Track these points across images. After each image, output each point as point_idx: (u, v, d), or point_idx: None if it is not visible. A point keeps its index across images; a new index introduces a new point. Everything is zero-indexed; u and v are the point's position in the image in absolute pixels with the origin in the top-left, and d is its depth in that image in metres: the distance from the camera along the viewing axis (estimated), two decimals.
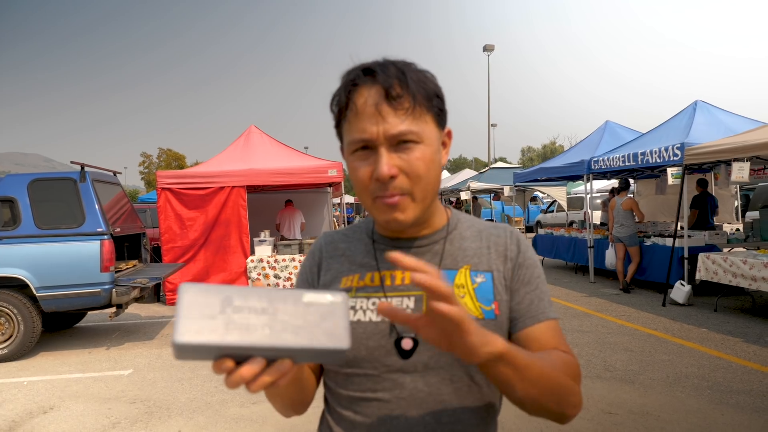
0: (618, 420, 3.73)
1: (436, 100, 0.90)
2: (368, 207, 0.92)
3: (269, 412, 4.12)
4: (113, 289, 5.86)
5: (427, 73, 0.91)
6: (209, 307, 0.59)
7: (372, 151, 0.87)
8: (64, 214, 5.95)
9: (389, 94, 0.85)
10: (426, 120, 0.88)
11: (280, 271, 8.88)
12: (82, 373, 5.28)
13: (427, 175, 0.88)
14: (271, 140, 10.31)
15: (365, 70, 0.88)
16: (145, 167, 60.63)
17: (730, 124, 8.16)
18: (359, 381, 0.94)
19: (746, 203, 13.00)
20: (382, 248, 1.00)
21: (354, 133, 0.88)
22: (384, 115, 0.85)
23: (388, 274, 0.97)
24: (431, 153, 0.89)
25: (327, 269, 1.03)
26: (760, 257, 6.23)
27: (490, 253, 0.99)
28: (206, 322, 0.59)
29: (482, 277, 0.96)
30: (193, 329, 0.58)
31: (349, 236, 1.06)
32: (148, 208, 12.76)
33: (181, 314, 0.59)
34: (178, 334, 0.57)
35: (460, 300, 0.93)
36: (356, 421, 0.94)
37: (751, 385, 4.30)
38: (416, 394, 0.91)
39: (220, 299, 0.60)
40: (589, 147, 10.94)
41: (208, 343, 0.58)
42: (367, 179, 0.88)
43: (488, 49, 31.44)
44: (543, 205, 22.61)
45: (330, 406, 1.02)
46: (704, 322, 6.40)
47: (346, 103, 0.88)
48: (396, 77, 0.86)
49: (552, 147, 64.37)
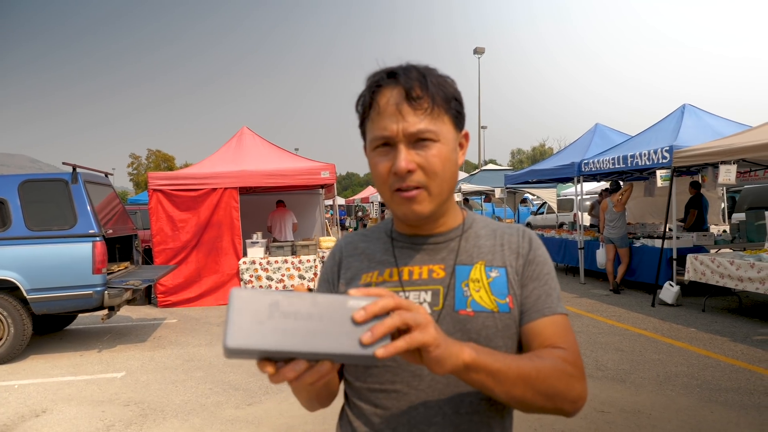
0: (610, 418, 3.79)
1: (454, 103, 0.96)
2: (387, 200, 0.97)
3: (264, 414, 4.13)
4: (105, 291, 5.83)
5: (448, 78, 0.97)
6: (258, 313, 0.63)
7: (392, 148, 0.93)
8: (55, 216, 5.91)
9: (410, 95, 0.91)
10: (444, 120, 0.94)
11: (272, 273, 8.88)
12: (74, 376, 5.25)
13: (443, 172, 0.93)
14: (264, 142, 10.31)
15: (389, 73, 0.94)
16: (134, 168, 60.16)
17: (717, 127, 8.29)
18: (378, 373, 0.97)
19: (732, 205, 13.18)
20: (401, 245, 1.05)
21: (376, 131, 0.94)
22: (404, 114, 0.91)
23: (407, 269, 1.01)
24: (448, 151, 0.94)
25: (347, 267, 1.07)
26: (746, 258, 6.34)
27: (503, 250, 1.03)
28: (255, 327, 0.62)
29: (497, 272, 0.99)
30: (242, 333, 0.62)
31: (368, 236, 1.11)
32: (138, 209, 12.68)
33: (232, 318, 0.62)
34: (229, 338, 0.61)
35: (475, 294, 0.96)
36: (376, 413, 0.97)
37: (739, 383, 4.37)
38: (435, 385, 0.94)
39: (268, 304, 0.64)
40: (579, 149, 11.05)
41: (256, 348, 0.62)
42: (386, 173, 0.93)
43: (479, 52, 31.58)
44: (533, 206, 22.72)
45: (349, 400, 1.04)
46: (693, 322, 6.49)
47: (369, 103, 0.94)
48: (417, 80, 0.92)
49: (541, 149, 64.74)
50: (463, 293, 0.97)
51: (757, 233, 8.76)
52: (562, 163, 10.65)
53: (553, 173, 10.88)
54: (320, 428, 3.83)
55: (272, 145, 10.32)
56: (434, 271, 1.00)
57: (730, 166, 6.47)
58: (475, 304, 0.96)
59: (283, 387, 4.64)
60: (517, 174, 12.72)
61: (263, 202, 11.26)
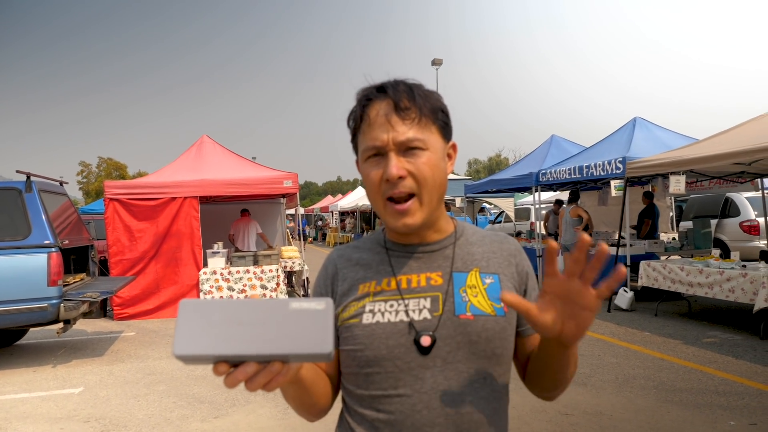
0: (574, 420, 3.91)
1: (440, 114, 1.02)
2: (380, 211, 1.01)
3: (232, 426, 4.07)
4: (61, 303, 5.63)
5: (435, 93, 1.03)
6: (205, 320, 0.67)
7: (383, 158, 0.97)
8: (7, 226, 5.67)
9: (398, 106, 0.96)
10: (432, 130, 0.99)
11: (233, 284, 8.75)
12: (28, 393, 5.04)
13: (432, 179, 0.98)
14: (224, 150, 10.17)
15: (378, 88, 1.00)
16: (83, 177, 58.08)
17: (666, 139, 8.71)
18: (380, 380, 0.99)
19: (680, 214, 13.81)
20: (397, 255, 1.07)
21: (367, 141, 0.98)
22: (393, 124, 0.96)
23: (405, 278, 1.04)
24: (436, 159, 0.99)
25: (343, 279, 1.08)
26: (695, 264, 6.67)
27: (495, 257, 1.09)
28: (202, 333, 0.66)
29: (491, 279, 1.05)
30: (189, 341, 0.65)
31: (360, 248, 1.13)
32: (91, 219, 12.27)
33: (180, 326, 0.66)
34: (177, 346, 0.65)
35: (473, 299, 1.01)
36: (379, 419, 0.98)
37: (692, 384, 4.59)
38: (437, 387, 0.97)
39: (216, 312, 0.67)
40: (536, 160, 11.37)
41: (202, 354, 0.65)
42: (378, 181, 0.98)
43: (437, 64, 32.06)
44: (491, 215, 23.17)
45: (349, 407, 1.05)
46: (647, 326, 6.76)
47: (360, 116, 0.99)
48: (405, 92, 0.98)
49: (497, 159, 66.22)
50: (462, 299, 1.01)
51: (704, 240, 9.21)
52: (520, 173, 10.94)
53: (511, 183, 11.16)
54: None
55: (233, 153, 10.20)
56: (432, 279, 1.03)
57: (680, 176, 6.81)
58: (475, 309, 1.00)
59: (250, 398, 4.58)
60: (478, 183, 12.97)
61: (224, 212, 11.08)
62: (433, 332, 0.98)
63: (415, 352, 0.97)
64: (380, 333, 0.98)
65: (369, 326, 0.99)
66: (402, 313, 0.99)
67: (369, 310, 1.01)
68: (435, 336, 0.98)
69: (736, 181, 9.10)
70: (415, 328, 0.98)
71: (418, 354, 0.97)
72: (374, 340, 0.98)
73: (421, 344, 0.97)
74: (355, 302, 1.03)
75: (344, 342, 1.02)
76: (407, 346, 0.98)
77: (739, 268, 6.07)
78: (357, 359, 1.00)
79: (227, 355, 0.66)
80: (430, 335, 0.97)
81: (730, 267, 6.18)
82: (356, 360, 1.00)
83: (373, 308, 1.01)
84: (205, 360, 0.67)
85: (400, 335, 0.98)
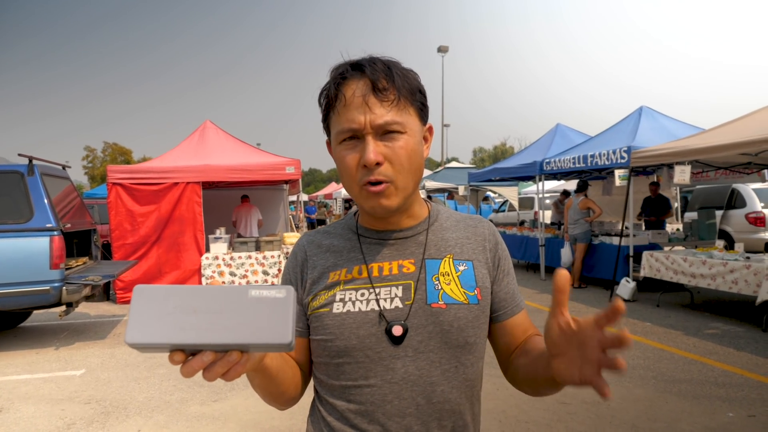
0: (572, 409, 3.91)
1: (418, 95, 0.97)
2: (355, 195, 0.96)
3: (231, 410, 4.09)
4: (63, 286, 5.66)
5: (411, 72, 0.98)
6: (159, 308, 0.63)
7: (359, 141, 0.93)
8: (10, 209, 5.69)
9: (376, 86, 0.91)
10: (410, 112, 0.95)
11: (236, 269, 8.77)
12: (31, 374, 5.08)
13: (409, 164, 0.94)
14: (227, 136, 10.15)
15: (354, 65, 0.94)
16: (89, 161, 58.15)
17: (672, 129, 8.62)
18: (351, 370, 0.97)
19: (685, 204, 13.73)
20: (368, 241, 1.04)
21: (343, 123, 0.93)
22: (371, 106, 0.90)
23: (376, 266, 1.01)
24: (414, 143, 0.95)
25: (313, 267, 1.04)
26: (698, 255, 6.63)
27: (469, 243, 1.06)
28: (155, 321, 0.63)
29: (464, 266, 1.02)
30: (142, 330, 0.62)
31: (330, 233, 1.09)
32: (95, 203, 12.31)
33: (132, 314, 0.63)
34: (128, 335, 0.62)
35: (446, 287, 0.99)
36: (350, 409, 0.97)
37: (692, 375, 4.58)
38: (408, 377, 0.95)
39: (171, 299, 0.64)
40: (540, 149, 11.30)
41: (155, 342, 0.62)
42: (354, 166, 0.93)
43: (442, 50, 31.84)
44: (495, 204, 23.09)
45: (321, 397, 1.03)
46: (648, 317, 6.75)
47: (335, 95, 0.94)
48: (383, 72, 0.92)
49: (503, 148, 65.89)
50: (434, 287, 0.98)
51: (708, 232, 9.16)
52: (524, 161, 10.87)
53: (515, 171, 11.10)
54: (287, 423, 3.83)
55: (236, 139, 10.17)
56: (404, 266, 1.00)
57: (685, 166, 6.74)
58: (447, 297, 0.98)
59: (248, 383, 4.60)
60: (481, 172, 12.91)
61: (227, 197, 11.09)
62: (404, 321, 0.96)
63: (387, 342, 0.95)
64: (351, 323, 0.96)
65: (339, 316, 0.97)
66: (373, 302, 0.97)
67: (339, 299, 0.98)
68: (407, 326, 0.95)
69: (742, 171, 9.02)
70: (385, 318, 0.96)
71: (390, 344, 0.95)
72: (345, 330, 0.96)
73: (393, 334, 0.95)
74: (325, 291, 1.00)
75: (315, 332, 1.00)
76: (378, 336, 0.96)
77: (743, 260, 6.03)
78: (327, 349, 0.98)
79: (182, 344, 0.63)
80: (401, 325, 0.95)
81: (734, 258, 6.14)
82: (327, 350, 0.98)
83: (343, 297, 0.98)
84: (160, 348, 0.64)
85: (371, 325, 0.96)
